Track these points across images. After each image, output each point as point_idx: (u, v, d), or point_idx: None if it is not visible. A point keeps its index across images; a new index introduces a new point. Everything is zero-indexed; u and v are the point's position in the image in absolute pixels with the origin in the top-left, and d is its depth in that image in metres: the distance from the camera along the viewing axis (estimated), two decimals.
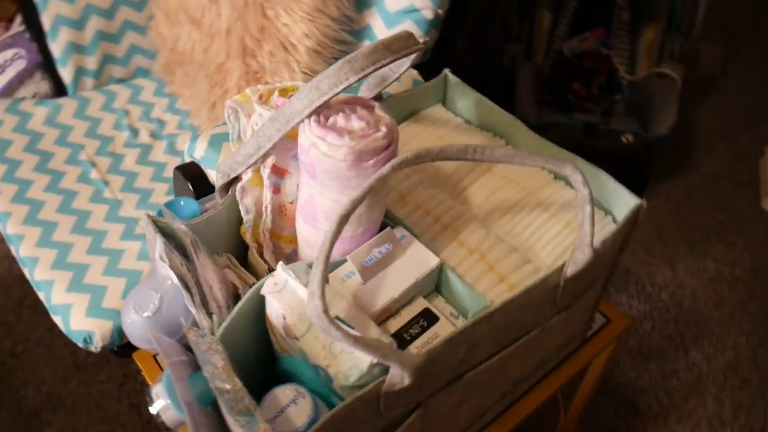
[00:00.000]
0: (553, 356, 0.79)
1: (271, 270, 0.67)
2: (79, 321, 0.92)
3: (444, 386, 0.59)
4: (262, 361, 0.64)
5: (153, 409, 0.56)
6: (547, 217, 0.70)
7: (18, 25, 1.30)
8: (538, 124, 1.59)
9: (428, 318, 0.60)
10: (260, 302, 0.58)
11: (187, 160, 0.85)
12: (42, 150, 1.16)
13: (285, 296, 0.56)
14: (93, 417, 1.32)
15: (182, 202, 0.65)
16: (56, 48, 1.25)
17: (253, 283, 0.60)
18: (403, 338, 0.59)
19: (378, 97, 0.76)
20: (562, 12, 1.78)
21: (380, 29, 1.04)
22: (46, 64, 1.27)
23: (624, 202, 0.68)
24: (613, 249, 0.66)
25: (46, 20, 1.23)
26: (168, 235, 0.62)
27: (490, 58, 1.78)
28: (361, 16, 1.04)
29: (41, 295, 0.97)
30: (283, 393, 0.54)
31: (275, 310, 0.56)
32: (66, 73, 1.28)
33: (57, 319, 0.94)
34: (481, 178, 0.73)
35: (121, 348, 0.95)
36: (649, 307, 1.49)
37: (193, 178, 0.79)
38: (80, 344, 0.93)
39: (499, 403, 0.76)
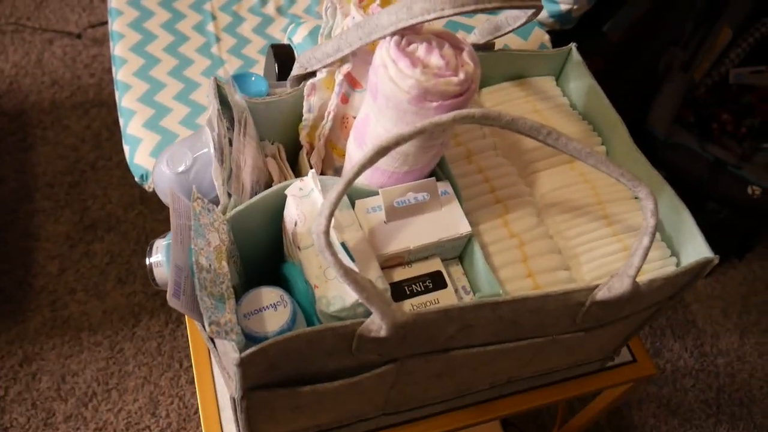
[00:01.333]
0: (562, 370, 0.75)
1: None
2: (142, 157, 0.95)
3: (426, 353, 0.57)
4: (271, 260, 0.64)
5: (147, 260, 0.57)
6: (608, 233, 0.64)
7: None
8: (666, 141, 1.47)
9: (436, 281, 0.57)
10: (284, 201, 0.57)
11: (286, 41, 0.84)
12: None
13: (305, 203, 0.54)
14: (139, 249, 1.39)
15: (252, 78, 0.64)
16: None
17: None
18: (402, 290, 0.56)
19: (490, 46, 0.72)
20: (746, 34, 1.60)
21: None
22: None
23: (695, 250, 0.61)
24: (661, 293, 0.60)
25: None
26: (226, 104, 0.61)
27: (645, 57, 1.65)
28: None
29: (121, 122, 1.01)
30: (268, 294, 0.54)
31: (291, 214, 0.55)
32: None
33: (126, 149, 0.98)
34: (559, 167, 0.68)
35: None
36: (699, 366, 1.39)
37: (282, 61, 0.77)
38: (137, 179, 0.96)
39: (487, 391, 0.73)
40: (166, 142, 0.95)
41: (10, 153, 1.48)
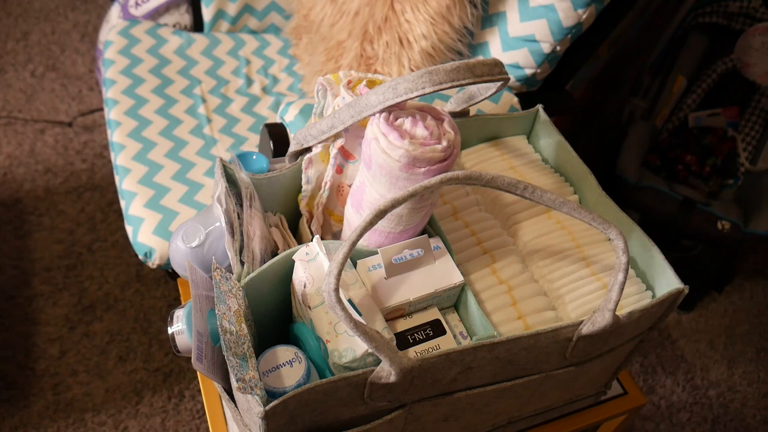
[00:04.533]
0: (558, 407, 0.79)
1: None
2: (145, 236, 1.00)
3: (432, 397, 0.61)
4: (281, 321, 0.68)
5: (170, 329, 0.62)
6: (587, 273, 0.70)
7: None
8: (636, 184, 1.55)
9: (436, 329, 0.62)
10: (291, 266, 0.63)
11: (279, 120, 0.91)
12: (165, 75, 1.26)
13: (312, 267, 0.60)
14: (138, 326, 1.42)
15: (254, 157, 0.70)
16: None
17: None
18: (406, 339, 0.61)
19: (465, 113, 0.79)
20: (699, 81, 1.72)
21: (496, 49, 1.05)
22: (193, 0, 1.37)
23: (667, 282, 0.67)
24: (641, 325, 0.66)
25: None
26: (232, 182, 0.67)
27: (609, 109, 1.75)
28: (482, 33, 1.06)
29: (122, 204, 1.06)
30: (284, 352, 0.58)
31: (300, 277, 0.60)
32: (207, 12, 1.37)
33: (129, 229, 1.03)
34: (537, 216, 0.74)
35: (174, 271, 1.03)
36: (692, 400, 1.43)
37: (276, 139, 0.84)
38: (141, 257, 1.01)
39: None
40: (167, 220, 1.01)
41: (6, 241, 1.52)
